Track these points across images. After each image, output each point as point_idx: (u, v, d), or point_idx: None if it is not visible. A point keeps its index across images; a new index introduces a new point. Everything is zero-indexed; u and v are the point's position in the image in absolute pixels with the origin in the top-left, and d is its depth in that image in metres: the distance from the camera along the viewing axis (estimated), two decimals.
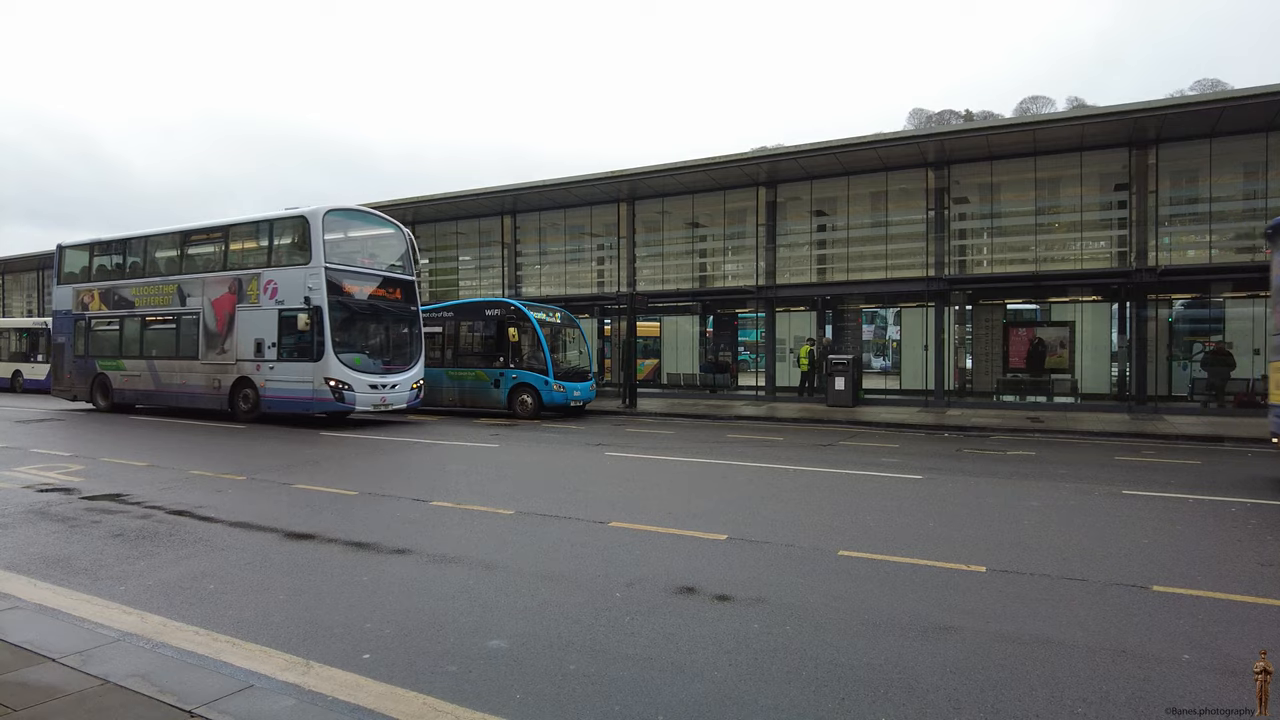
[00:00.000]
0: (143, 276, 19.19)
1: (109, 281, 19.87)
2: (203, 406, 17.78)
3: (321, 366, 15.60)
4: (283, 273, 16.37)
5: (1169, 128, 17.60)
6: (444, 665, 3.88)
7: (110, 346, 19.67)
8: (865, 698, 3.52)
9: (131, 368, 19.08)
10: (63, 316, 20.80)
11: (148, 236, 19.58)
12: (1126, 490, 8.86)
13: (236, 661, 3.89)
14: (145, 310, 18.87)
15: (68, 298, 20.65)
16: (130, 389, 19.19)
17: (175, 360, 18.14)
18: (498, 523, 7.14)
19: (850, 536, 6.60)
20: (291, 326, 16.01)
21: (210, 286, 17.53)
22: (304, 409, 16.08)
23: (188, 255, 18.73)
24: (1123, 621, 4.52)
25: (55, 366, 21.19)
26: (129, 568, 5.63)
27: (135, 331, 19.13)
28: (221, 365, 17.18)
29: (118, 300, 19.48)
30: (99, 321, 20.03)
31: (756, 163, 21.91)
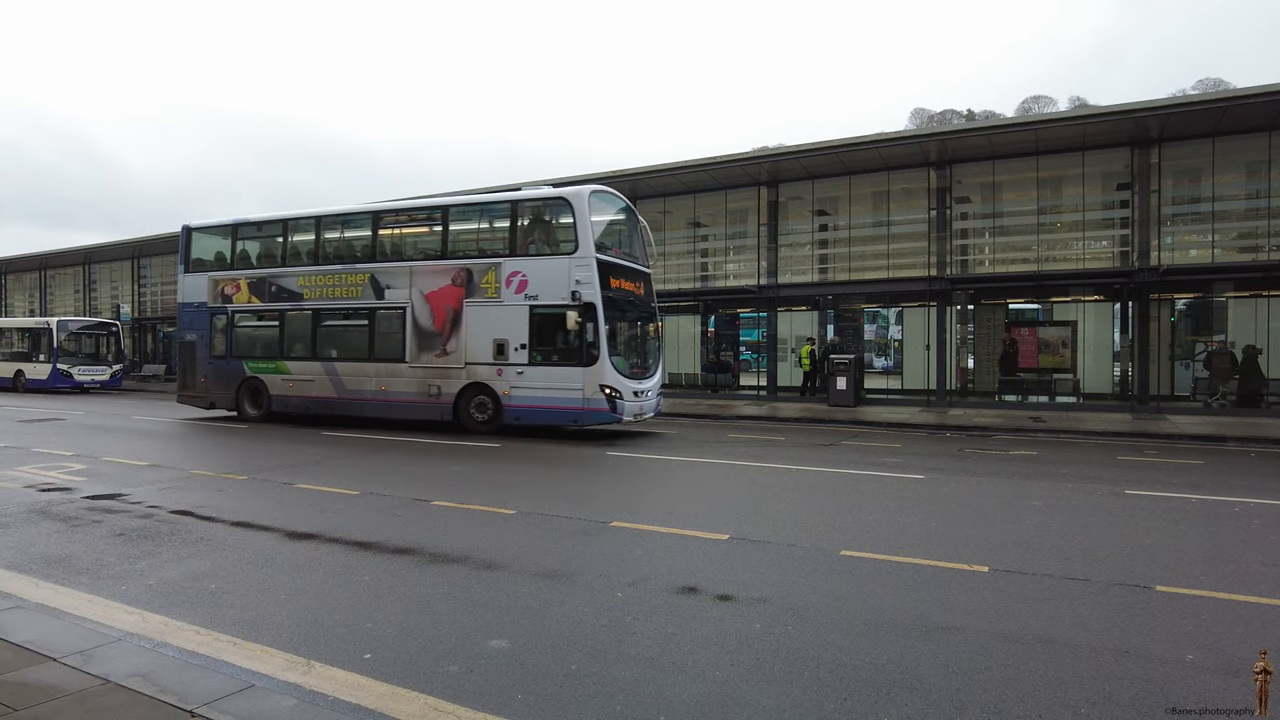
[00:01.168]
0: (314, 264, 16.39)
1: (262, 270, 17.00)
2: (410, 417, 15.18)
3: (595, 372, 13.48)
4: (535, 263, 14.00)
5: (1171, 127, 17.55)
6: (445, 665, 3.87)
7: (265, 346, 16.92)
8: (868, 698, 3.51)
9: (299, 371, 16.24)
10: (193, 311, 17.72)
11: (320, 217, 16.84)
12: (1129, 490, 8.83)
13: (237, 661, 3.89)
14: (320, 304, 16.04)
15: (200, 288, 17.60)
16: (296, 396, 16.34)
17: (368, 363, 15.48)
18: (499, 522, 7.13)
19: (853, 536, 6.58)
20: (550, 325, 13.83)
21: (423, 277, 14.92)
22: (569, 420, 13.89)
23: (384, 240, 16.17)
24: (1126, 621, 4.51)
25: (183, 369, 18.10)
26: (130, 567, 5.62)
27: (304, 329, 16.37)
28: (442, 369, 14.69)
29: (276, 292, 16.56)
30: (248, 317, 17.23)
31: (758, 162, 21.88)
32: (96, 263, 42.93)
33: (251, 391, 16.93)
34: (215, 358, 17.35)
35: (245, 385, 16.94)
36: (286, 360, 16.43)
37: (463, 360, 14.51)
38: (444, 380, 14.71)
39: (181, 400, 18.29)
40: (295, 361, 16.34)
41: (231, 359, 17.14)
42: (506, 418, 14.19)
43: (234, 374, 17.07)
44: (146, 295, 41.32)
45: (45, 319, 30.45)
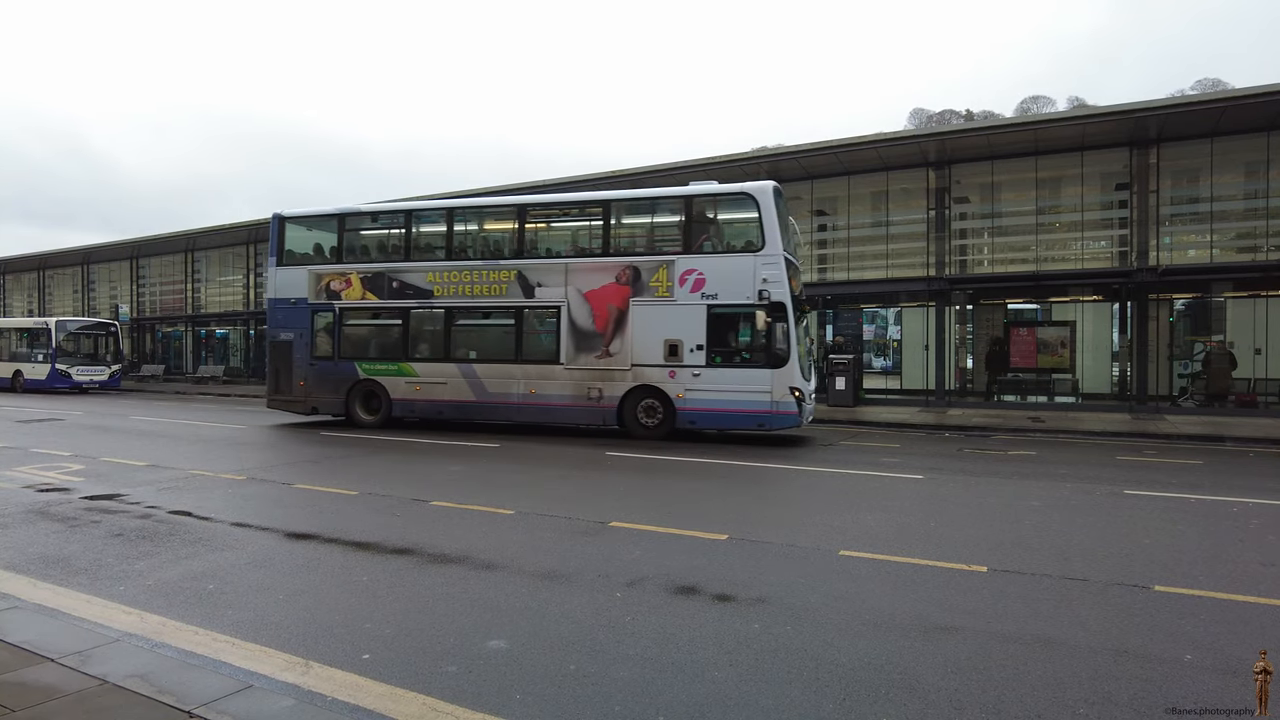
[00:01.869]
0: (447, 259, 15.30)
1: (381, 264, 15.81)
2: (564, 422, 14.47)
3: (785, 374, 12.85)
4: (714, 261, 13.36)
5: (1170, 127, 17.57)
6: (443, 665, 3.87)
7: (385, 347, 15.76)
8: (866, 698, 3.51)
9: (428, 374, 15.11)
10: (288, 308, 16.20)
11: (452, 209, 15.82)
12: (1128, 490, 8.84)
13: (236, 661, 3.88)
14: (455, 302, 14.96)
15: (297, 283, 16.11)
16: (423, 400, 15.18)
17: (514, 365, 14.53)
18: (498, 523, 7.13)
19: (851, 536, 6.59)
20: (731, 326, 13.37)
21: (582, 275, 14.08)
22: (754, 424, 13.21)
23: (532, 235, 15.22)
24: (1124, 621, 4.51)
25: (274, 372, 16.47)
26: (129, 567, 5.62)
27: (435, 328, 15.35)
28: (604, 372, 13.87)
29: (399, 288, 15.33)
30: (362, 315, 15.95)
31: (756, 162, 21.88)
32: (95, 263, 42.93)
33: (366, 396, 15.63)
34: (319, 359, 15.90)
35: (357, 389, 15.62)
36: (412, 362, 15.25)
37: (628, 362, 13.74)
38: (606, 383, 13.89)
39: (273, 405, 16.72)
40: (424, 363, 15.19)
41: (340, 360, 15.74)
42: (680, 422, 13.50)
43: (343, 377, 15.69)
44: (145, 295, 41.30)
45: (44, 319, 30.44)
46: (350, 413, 15.64)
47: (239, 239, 35.79)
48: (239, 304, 36.77)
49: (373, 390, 15.53)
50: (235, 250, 37.00)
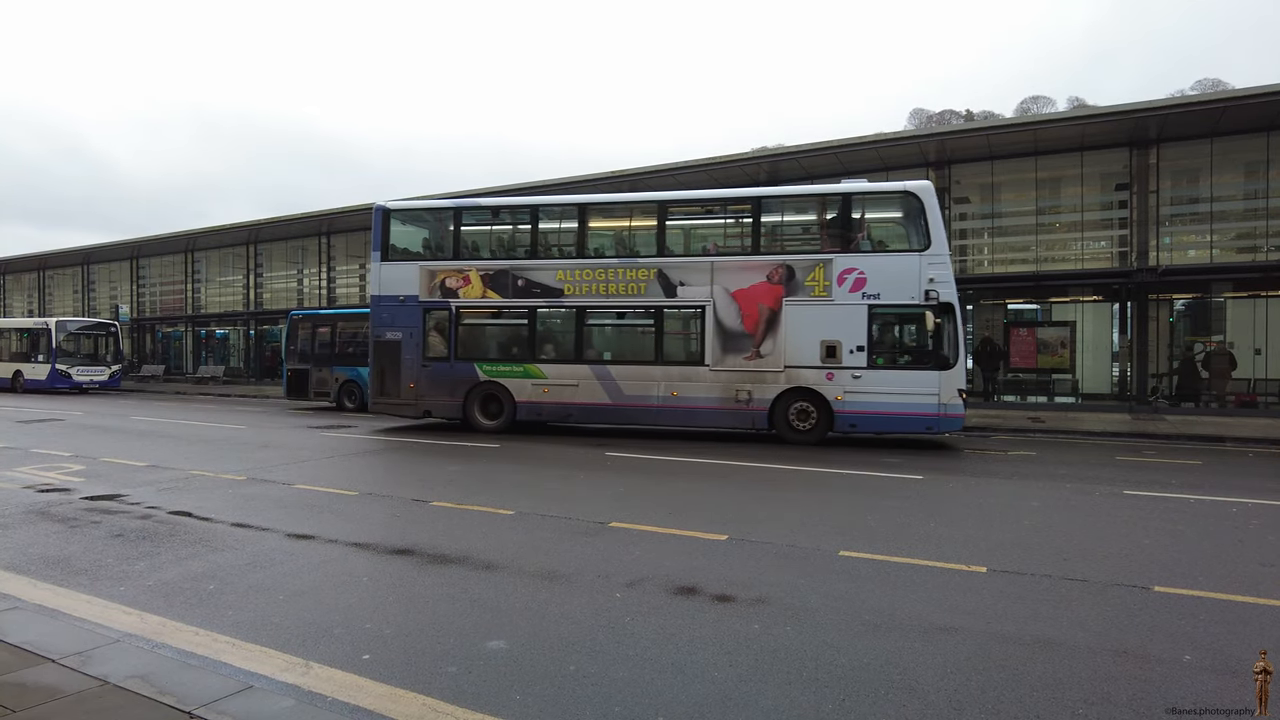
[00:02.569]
0: (579, 256, 14.60)
1: (503, 261, 15.09)
2: (709, 426, 14.10)
3: (954, 376, 12.56)
4: (875, 260, 12.96)
5: (1170, 127, 17.59)
6: (443, 666, 3.87)
7: (508, 347, 15.16)
8: (866, 698, 3.51)
9: (557, 375, 14.46)
10: (395, 306, 15.34)
11: (585, 204, 15.10)
12: (1128, 490, 8.84)
13: (236, 662, 3.89)
14: (587, 301, 14.33)
15: (406, 280, 15.31)
16: (552, 403, 14.53)
17: (654, 366, 13.96)
18: (497, 523, 7.13)
19: (851, 537, 6.59)
20: (894, 327, 13.11)
21: (729, 274, 13.57)
22: (921, 428, 12.78)
23: (673, 232, 14.62)
24: (1124, 622, 4.51)
25: (379, 373, 15.52)
26: (129, 567, 5.62)
27: (565, 328, 14.77)
28: (754, 374, 13.36)
29: (525, 286, 14.63)
30: (482, 314, 15.23)
31: (757, 163, 21.89)
32: (95, 263, 42.95)
33: (485, 399, 14.89)
34: (432, 360, 15.11)
35: (477, 391, 14.90)
36: (540, 363, 14.61)
37: (781, 363, 13.23)
38: (756, 385, 13.36)
39: (377, 409, 15.86)
40: (552, 365, 14.55)
41: (458, 361, 14.99)
42: (839, 425, 13.06)
43: (461, 379, 14.95)
44: (145, 295, 41.31)
45: (44, 319, 30.44)
46: (468, 416, 14.91)
47: (239, 239, 35.82)
48: (239, 304, 36.80)
49: (494, 393, 14.83)
50: (235, 250, 37.03)
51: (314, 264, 34.41)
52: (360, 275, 33.79)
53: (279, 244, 35.49)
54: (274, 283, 36.47)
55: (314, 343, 22.32)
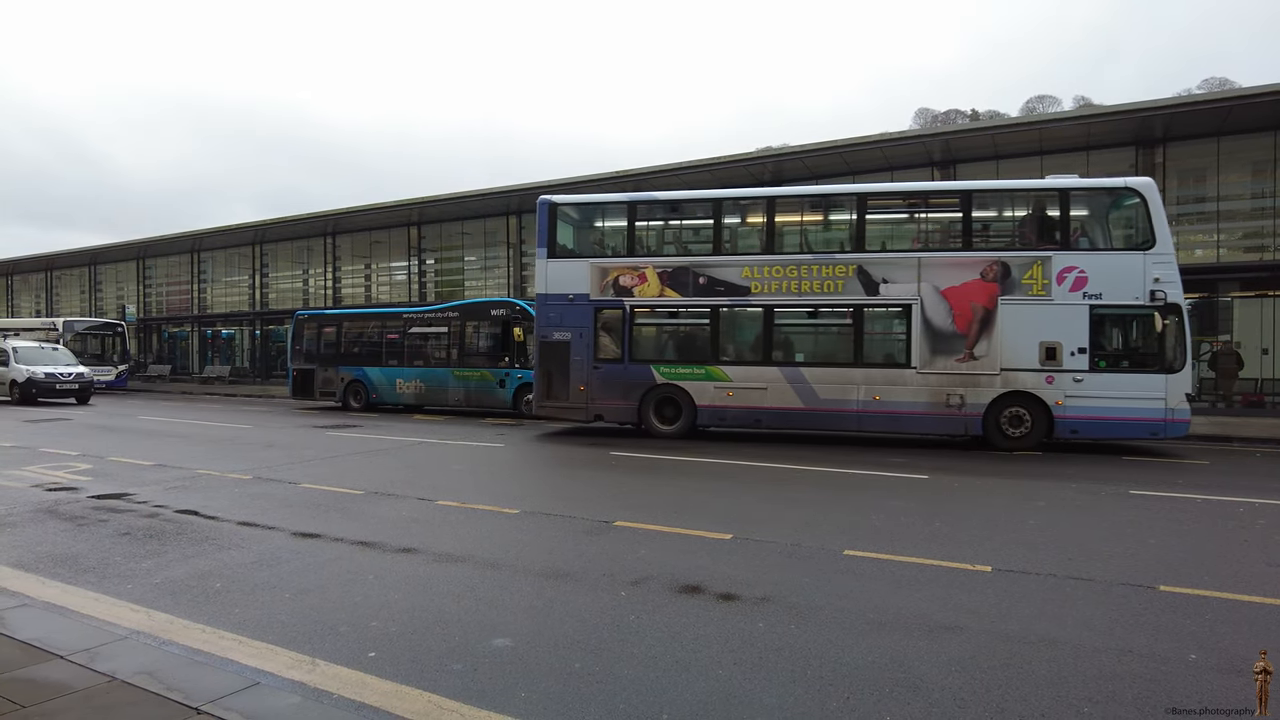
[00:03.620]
0: (767, 252, 13.85)
1: (683, 258, 14.39)
2: (914, 432, 13.29)
3: (1181, 379, 12.04)
4: (1096, 258, 12.38)
5: (1177, 126, 17.55)
6: (449, 663, 3.89)
7: (688, 348, 14.44)
8: (870, 696, 3.52)
9: (743, 378, 13.70)
10: (563, 305, 14.62)
11: (773, 197, 14.43)
12: (1134, 490, 8.82)
13: (242, 659, 3.91)
14: (776, 299, 13.55)
15: (575, 277, 14.62)
16: (737, 407, 13.78)
17: (852, 368, 13.19)
18: (502, 522, 7.15)
19: (856, 536, 6.59)
20: (1115, 327, 12.53)
21: (938, 270, 12.82)
22: (1146, 433, 12.19)
23: (873, 226, 13.94)
24: (1129, 621, 4.51)
25: (546, 375, 14.79)
26: (136, 566, 5.65)
27: (751, 329, 14.03)
28: (966, 376, 12.61)
29: (707, 284, 13.89)
30: (659, 313, 14.58)
31: (761, 162, 21.90)
32: (102, 263, 43.16)
33: (662, 403, 14.21)
34: (604, 361, 14.41)
35: (653, 394, 14.19)
36: (723, 365, 13.87)
37: (996, 366, 12.49)
38: (969, 389, 12.61)
39: (542, 413, 15.14)
40: (737, 366, 13.82)
41: (632, 363, 14.27)
42: (1059, 431, 12.37)
43: (636, 381, 14.21)
44: (152, 296, 41.48)
45: (52, 319, 30.63)
46: (644, 421, 14.22)
47: (244, 239, 35.96)
48: (244, 304, 36.94)
49: (671, 397, 14.12)
50: (241, 250, 37.17)
51: (319, 264, 34.52)
52: (365, 276, 33.89)
53: (284, 244, 35.61)
54: (279, 283, 36.60)
55: (320, 343, 22.40)
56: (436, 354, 20.38)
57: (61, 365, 23.87)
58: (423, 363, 20.56)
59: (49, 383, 22.88)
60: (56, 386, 23.00)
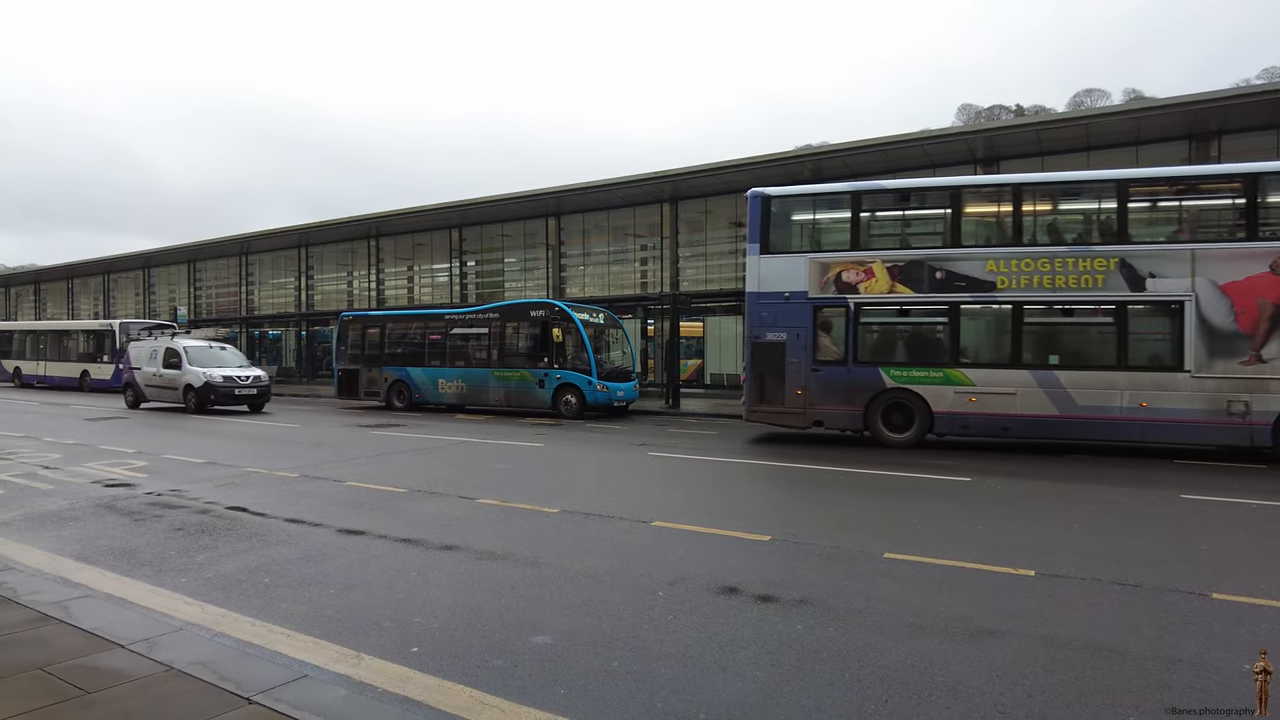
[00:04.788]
0: (1013, 244, 12.64)
1: (911, 251, 13.36)
2: (1189, 442, 12.07)
3: None
4: None
5: (1233, 119, 16.99)
6: (490, 659, 3.96)
7: (923, 350, 13.32)
8: (909, 700, 3.50)
9: (987, 382, 12.57)
10: (778, 304, 13.73)
11: (1017, 185, 13.14)
12: (1185, 494, 8.59)
13: (290, 652, 4.02)
14: (1025, 295, 12.40)
15: (792, 274, 13.66)
16: (980, 414, 12.62)
17: (1116, 372, 11.99)
18: (542, 521, 7.23)
19: (896, 538, 6.53)
20: None
21: (1215, 263, 11.60)
22: None
23: (1136, 215, 12.74)
24: (1179, 629, 4.40)
25: (759, 378, 13.95)
26: (189, 560, 5.84)
27: (997, 327, 12.90)
28: (1254, 381, 11.37)
29: (943, 280, 12.85)
30: (889, 312, 13.56)
31: (801, 161, 21.74)
32: (155, 266, 44.49)
33: (890, 409, 13.18)
34: (825, 364, 13.46)
35: (880, 400, 13.19)
36: (964, 368, 12.74)
37: None
38: (1256, 395, 11.34)
39: (755, 418, 14.18)
40: (981, 370, 12.67)
41: (857, 365, 13.29)
42: None
43: (863, 385, 13.22)
44: (201, 298, 42.65)
45: (109, 321, 31.64)
46: (871, 428, 13.23)
47: (290, 242, 36.76)
48: (291, 306, 37.76)
49: (902, 402, 13.07)
50: (287, 253, 38.00)
51: (363, 266, 35.14)
52: (408, 277, 34.42)
53: (329, 246, 36.33)
54: (324, 284, 37.34)
55: (364, 343, 22.82)
56: (477, 354, 20.63)
57: (235, 367, 21.15)
58: (464, 363, 20.83)
59: (228, 387, 20.22)
60: (236, 392, 20.33)
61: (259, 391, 20.74)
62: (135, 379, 22.15)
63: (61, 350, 32.28)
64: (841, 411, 13.38)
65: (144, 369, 21.93)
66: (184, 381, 20.45)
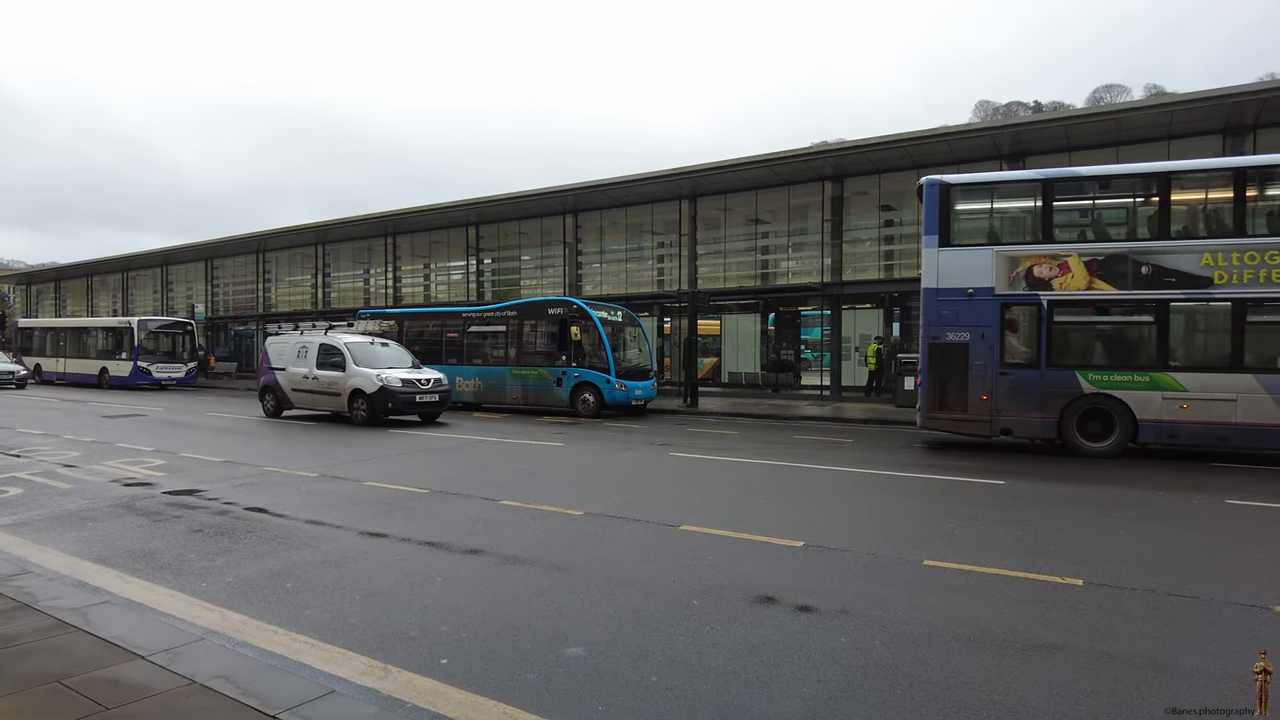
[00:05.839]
0: (1225, 235, 11.45)
1: (1113, 244, 12.25)
2: None
3: None
4: None
5: (1269, 112, 16.58)
6: (522, 673, 3.79)
7: (1126, 351, 12.14)
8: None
9: (1201, 387, 11.39)
10: (959, 301, 12.56)
11: (1243, 168, 11.72)
12: (1230, 499, 8.32)
13: (315, 663, 3.87)
14: (1248, 291, 11.19)
15: (975, 268, 12.51)
16: (1194, 423, 11.43)
17: None
18: (567, 523, 7.06)
19: (934, 545, 6.31)
20: None
21: None
22: None
23: None
24: (1246, 645, 4.18)
25: (938, 381, 12.76)
26: (209, 563, 5.72)
27: (1214, 327, 11.83)
28: None
29: (1150, 275, 11.66)
30: (1087, 309, 12.40)
31: (822, 157, 21.48)
32: (173, 264, 44.72)
33: (1087, 415, 12.02)
34: (1013, 366, 12.33)
35: (1077, 406, 12.01)
36: (1173, 372, 11.58)
37: None
38: None
39: (933, 425, 13.00)
40: (1193, 374, 11.51)
41: (1050, 369, 12.13)
42: None
43: (1057, 390, 12.09)
44: (219, 295, 42.81)
45: (127, 319, 31.75)
46: (1066, 436, 12.07)
47: (308, 240, 36.81)
48: (308, 303, 37.82)
49: (1102, 409, 11.95)
50: (304, 251, 38.07)
51: (380, 264, 35.14)
52: (424, 275, 34.38)
53: (346, 244, 36.35)
54: (341, 282, 37.38)
55: None
56: (495, 352, 20.52)
57: (407, 368, 17.17)
58: (481, 361, 20.73)
59: (407, 394, 16.00)
60: (417, 399, 16.17)
61: (440, 398, 16.69)
62: (277, 381, 18.07)
63: (81, 347, 32.44)
64: (1033, 419, 12.26)
65: (290, 370, 17.82)
66: (350, 385, 16.34)
